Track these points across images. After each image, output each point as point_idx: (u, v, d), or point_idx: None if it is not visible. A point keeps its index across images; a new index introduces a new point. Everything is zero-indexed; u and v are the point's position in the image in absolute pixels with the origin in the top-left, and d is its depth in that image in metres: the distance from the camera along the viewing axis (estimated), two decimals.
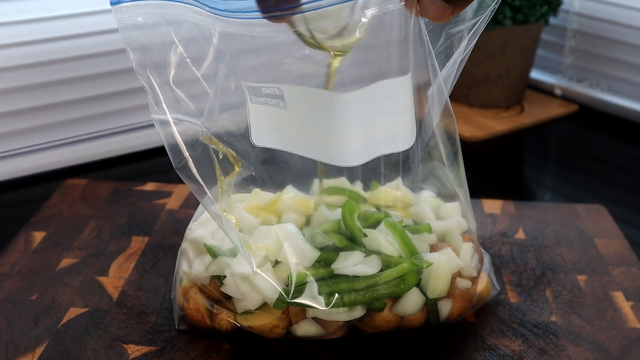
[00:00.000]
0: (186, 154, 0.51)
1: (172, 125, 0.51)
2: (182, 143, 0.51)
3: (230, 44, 0.51)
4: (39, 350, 0.52)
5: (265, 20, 0.46)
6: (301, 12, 0.45)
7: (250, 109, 0.52)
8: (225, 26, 0.47)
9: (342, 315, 0.51)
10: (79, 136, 0.89)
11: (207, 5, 0.47)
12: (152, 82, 0.50)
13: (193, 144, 0.52)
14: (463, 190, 0.57)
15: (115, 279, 0.61)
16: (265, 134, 0.52)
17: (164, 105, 0.50)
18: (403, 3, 0.46)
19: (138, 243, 0.66)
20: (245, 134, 0.53)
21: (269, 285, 0.51)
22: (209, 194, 0.52)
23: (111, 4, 0.48)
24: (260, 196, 0.59)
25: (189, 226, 0.58)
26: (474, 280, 0.56)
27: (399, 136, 0.52)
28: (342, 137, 0.50)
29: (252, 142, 0.52)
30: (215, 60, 0.51)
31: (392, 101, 0.50)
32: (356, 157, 0.51)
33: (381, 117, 0.50)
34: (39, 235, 0.67)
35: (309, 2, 0.44)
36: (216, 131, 0.53)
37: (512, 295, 0.60)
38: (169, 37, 0.50)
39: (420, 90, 0.53)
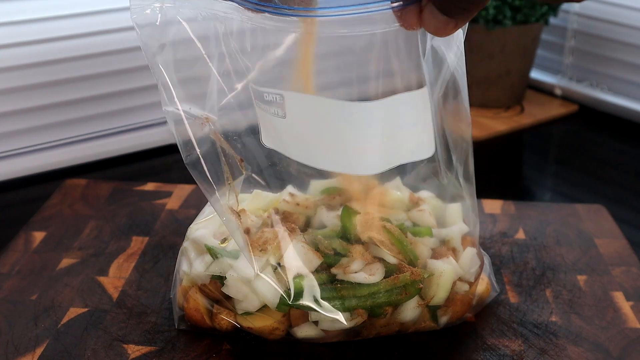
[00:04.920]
0: (197, 149, 0.51)
1: (184, 118, 0.51)
2: (193, 138, 0.51)
3: (245, 41, 0.50)
4: (39, 350, 0.52)
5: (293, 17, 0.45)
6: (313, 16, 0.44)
7: (257, 111, 0.52)
8: (249, 19, 0.47)
9: (344, 323, 0.51)
10: (79, 136, 0.89)
11: None
12: (165, 78, 0.50)
13: (203, 140, 0.52)
14: (470, 194, 0.57)
15: (115, 279, 0.61)
16: (271, 137, 0.52)
17: (176, 99, 0.50)
18: (400, 23, 0.45)
19: (138, 243, 0.66)
20: (246, 133, 0.54)
21: (271, 289, 0.51)
22: (217, 192, 0.52)
23: None
24: (261, 196, 0.59)
25: (190, 226, 0.58)
26: (474, 284, 0.56)
27: (418, 146, 0.52)
28: (358, 146, 0.50)
29: (262, 142, 0.53)
30: (225, 56, 0.51)
31: (411, 113, 0.50)
32: (374, 166, 0.52)
33: (400, 128, 0.50)
34: (39, 235, 0.67)
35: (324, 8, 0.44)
36: (222, 128, 0.53)
37: (512, 295, 0.60)
38: (183, 33, 0.50)
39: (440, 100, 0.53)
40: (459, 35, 0.51)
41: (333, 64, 0.53)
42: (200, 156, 0.51)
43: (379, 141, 0.50)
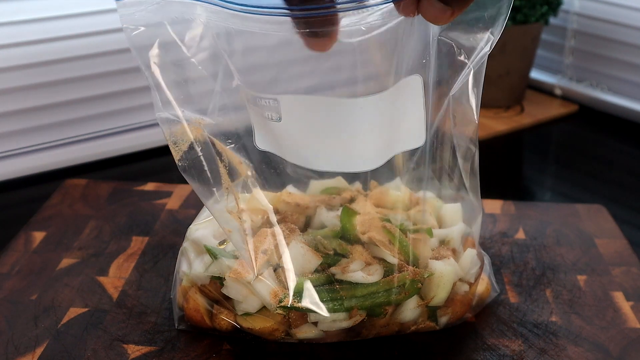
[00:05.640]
0: (191, 152, 0.51)
1: (179, 122, 0.51)
2: (187, 142, 0.51)
3: (234, 43, 0.50)
4: (39, 350, 0.52)
5: (279, 18, 0.45)
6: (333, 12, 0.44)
7: (251, 114, 0.52)
8: (233, 22, 0.47)
9: (344, 322, 0.51)
10: (79, 136, 0.89)
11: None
12: (158, 81, 0.50)
13: (197, 144, 0.52)
14: (476, 194, 0.57)
15: (115, 279, 0.61)
16: (266, 140, 0.52)
17: (171, 103, 0.50)
18: (402, 16, 0.45)
19: (138, 243, 0.66)
20: (244, 134, 0.53)
21: (270, 291, 0.51)
22: (214, 195, 0.52)
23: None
24: (260, 196, 0.58)
25: (190, 226, 0.58)
26: (474, 285, 0.56)
27: (412, 135, 0.52)
28: (356, 142, 0.50)
29: (255, 145, 0.53)
30: (217, 58, 0.51)
31: (406, 102, 0.50)
32: (371, 161, 0.52)
33: (396, 119, 0.50)
34: (39, 235, 0.67)
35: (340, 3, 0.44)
36: (218, 130, 0.53)
37: (512, 295, 0.60)
38: (171, 36, 0.50)
39: (430, 90, 0.53)
40: (489, 41, 0.51)
41: (328, 65, 0.53)
42: (194, 160, 0.51)
43: (377, 135, 0.50)
